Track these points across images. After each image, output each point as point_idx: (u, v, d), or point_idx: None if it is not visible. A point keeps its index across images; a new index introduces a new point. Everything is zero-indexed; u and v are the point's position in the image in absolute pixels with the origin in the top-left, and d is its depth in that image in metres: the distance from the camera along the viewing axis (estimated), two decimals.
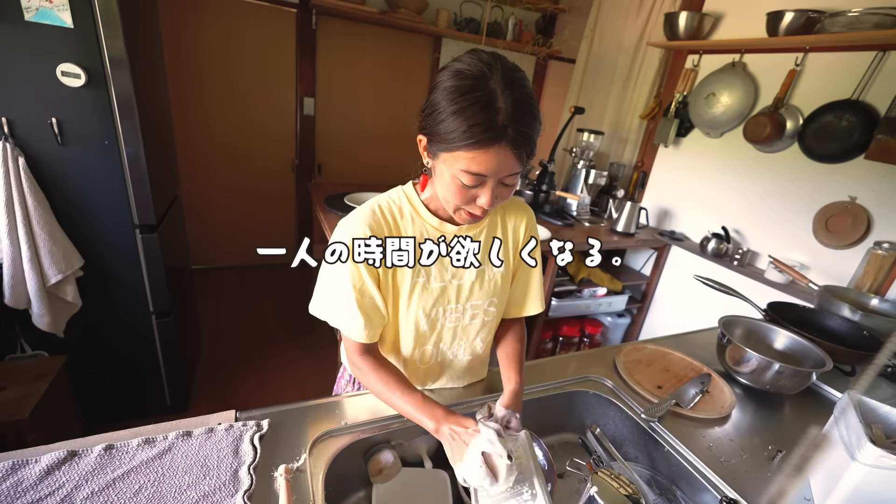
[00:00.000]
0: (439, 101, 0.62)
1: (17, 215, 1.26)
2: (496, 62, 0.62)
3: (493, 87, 0.59)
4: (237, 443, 0.72)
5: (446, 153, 0.63)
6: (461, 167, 0.63)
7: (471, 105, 0.59)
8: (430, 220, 0.78)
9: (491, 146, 0.60)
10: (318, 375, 2.31)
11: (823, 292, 1.54)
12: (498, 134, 0.59)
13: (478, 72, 0.60)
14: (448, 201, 0.70)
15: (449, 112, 0.60)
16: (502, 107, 0.59)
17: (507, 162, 0.62)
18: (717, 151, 2.29)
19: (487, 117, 0.59)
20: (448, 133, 0.61)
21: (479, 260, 0.81)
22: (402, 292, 0.78)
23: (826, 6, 1.77)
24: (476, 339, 0.88)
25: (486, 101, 0.59)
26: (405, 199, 0.79)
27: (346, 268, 0.73)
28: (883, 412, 0.82)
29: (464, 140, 0.60)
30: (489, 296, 0.84)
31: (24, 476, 0.62)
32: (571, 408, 1.02)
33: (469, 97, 0.59)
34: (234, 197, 3.23)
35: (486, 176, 0.63)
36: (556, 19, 3.60)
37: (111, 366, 1.68)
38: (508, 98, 0.59)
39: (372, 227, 0.74)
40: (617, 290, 2.41)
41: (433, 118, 0.63)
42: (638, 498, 0.74)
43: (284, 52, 3.00)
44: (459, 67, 0.62)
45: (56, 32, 1.22)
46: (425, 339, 0.84)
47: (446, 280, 0.80)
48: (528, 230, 0.86)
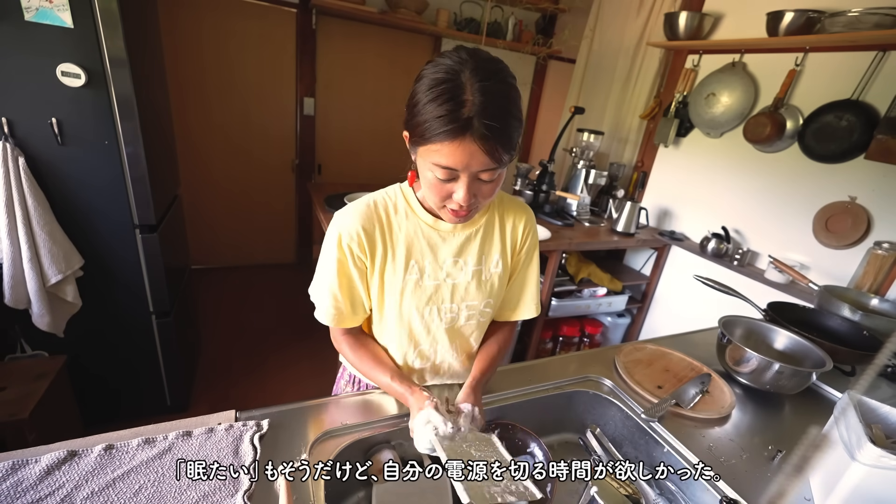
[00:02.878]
0: (415, 94, 0.63)
1: (17, 215, 1.26)
2: (473, 56, 0.61)
3: (464, 79, 0.59)
4: (237, 443, 0.72)
5: (421, 146, 0.64)
6: (432, 160, 0.63)
7: (439, 96, 0.58)
8: (425, 217, 0.78)
9: (455, 138, 0.59)
10: (318, 377, 2.31)
11: (823, 292, 1.54)
12: (462, 125, 0.58)
13: (454, 64, 0.60)
14: (427, 197, 0.70)
15: (422, 104, 0.61)
16: (469, 98, 0.58)
17: (475, 156, 0.61)
18: (717, 151, 2.29)
19: (452, 108, 0.58)
20: (420, 125, 0.61)
21: (475, 260, 0.81)
22: (394, 288, 0.79)
23: (826, 6, 1.77)
24: (471, 339, 0.88)
25: (454, 92, 0.58)
26: (401, 196, 0.79)
27: (333, 257, 0.76)
28: (883, 412, 0.82)
29: (431, 132, 0.60)
30: (486, 297, 0.84)
31: (24, 476, 0.62)
32: (571, 408, 1.02)
33: (438, 89, 0.59)
34: (233, 196, 3.23)
35: (455, 170, 0.63)
36: (556, 19, 3.60)
37: (111, 366, 1.68)
38: (478, 90, 0.58)
39: (363, 221, 0.75)
40: (617, 290, 2.41)
41: (410, 112, 0.64)
42: (638, 498, 0.74)
43: (284, 52, 3.00)
44: (438, 61, 0.62)
45: (56, 32, 1.22)
46: (419, 337, 0.84)
47: (440, 279, 0.80)
48: (527, 230, 0.85)
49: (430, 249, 0.78)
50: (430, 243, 0.78)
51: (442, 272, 0.80)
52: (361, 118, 3.39)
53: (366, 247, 0.75)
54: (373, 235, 0.75)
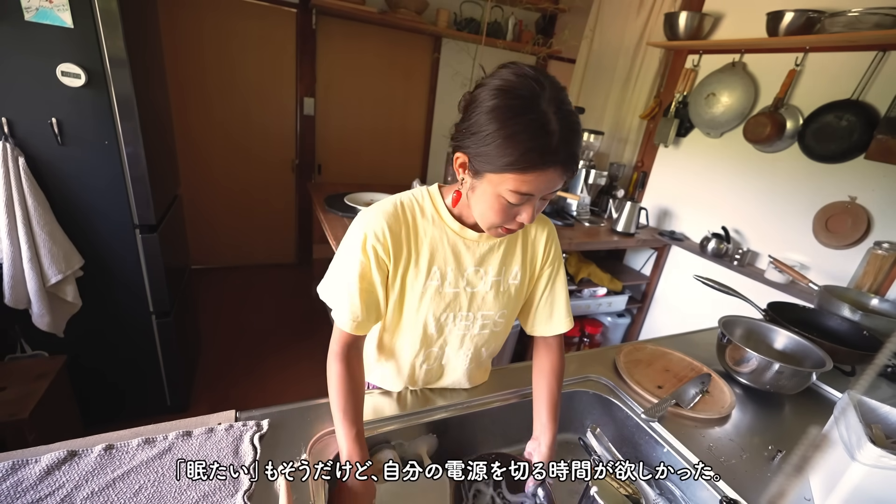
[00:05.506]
0: (486, 123, 0.59)
1: (17, 215, 1.26)
2: (545, 80, 0.60)
3: (545, 108, 0.57)
4: (237, 443, 0.73)
5: (493, 174, 0.62)
6: (509, 188, 0.62)
7: (524, 130, 0.57)
8: (452, 223, 0.76)
9: (545, 170, 0.59)
10: (318, 377, 2.29)
11: (823, 292, 1.54)
12: (552, 159, 0.59)
13: (528, 92, 0.58)
14: (486, 218, 0.69)
15: (500, 135, 0.58)
16: (555, 130, 0.57)
17: (554, 181, 0.62)
18: (717, 151, 2.29)
19: (542, 143, 0.57)
20: (498, 157, 0.59)
21: (496, 270, 0.80)
22: (413, 293, 0.78)
23: (826, 6, 1.77)
24: (482, 348, 0.88)
25: (540, 124, 0.57)
26: (428, 199, 0.77)
27: (356, 259, 0.73)
28: (883, 412, 0.82)
29: (517, 165, 0.59)
30: (502, 307, 0.83)
31: (24, 476, 0.62)
32: (571, 408, 1.02)
33: (522, 120, 0.57)
34: (233, 196, 3.23)
35: (533, 196, 0.63)
36: (556, 19, 3.60)
37: (111, 366, 1.67)
38: (560, 121, 0.58)
39: (390, 222, 0.73)
40: (617, 290, 2.41)
41: (478, 139, 0.60)
42: (638, 498, 0.74)
43: (284, 52, 3.00)
44: (505, 84, 0.59)
45: (56, 32, 1.22)
46: (431, 342, 0.84)
47: (460, 287, 0.79)
48: (550, 243, 0.84)
49: (453, 257, 0.77)
50: (455, 251, 0.77)
51: (463, 280, 0.79)
52: (361, 118, 3.38)
53: (390, 249, 0.73)
54: (399, 237, 0.74)
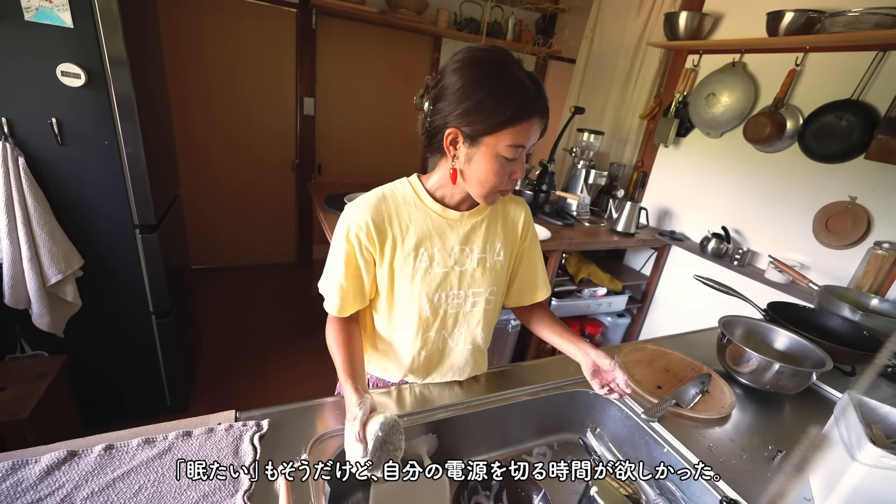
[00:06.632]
0: (473, 92, 0.67)
1: (17, 215, 1.26)
2: (502, 50, 0.71)
3: (515, 70, 0.68)
4: (237, 443, 0.72)
5: (490, 136, 0.69)
6: (507, 143, 0.70)
7: (508, 88, 0.67)
8: (433, 206, 0.82)
9: (532, 120, 0.69)
10: (319, 377, 2.31)
11: (823, 292, 1.54)
12: (535, 108, 0.69)
13: (498, 59, 0.68)
14: (487, 182, 0.74)
15: (493, 98, 0.67)
16: (529, 85, 0.68)
17: (537, 131, 0.72)
18: (717, 151, 2.29)
19: (525, 97, 0.68)
20: (494, 116, 0.68)
21: (480, 248, 0.85)
22: (404, 276, 0.82)
23: (826, 6, 1.77)
24: (477, 328, 0.91)
25: (518, 80, 0.68)
26: (409, 187, 0.83)
27: (341, 248, 0.79)
28: (883, 412, 0.82)
29: (514, 119, 0.68)
30: (490, 283, 0.88)
31: (24, 476, 0.62)
32: (571, 408, 1.02)
33: (505, 81, 0.67)
34: (234, 196, 3.23)
35: (524, 147, 0.72)
36: (556, 19, 3.60)
37: (111, 366, 1.67)
38: (528, 77, 0.69)
39: (373, 211, 0.78)
40: (617, 290, 2.41)
41: (468, 109, 0.68)
42: (638, 498, 0.74)
43: (284, 52, 3.00)
44: (477, 58, 0.69)
45: (56, 32, 1.22)
46: (428, 326, 0.87)
47: (448, 266, 0.83)
48: (526, 223, 0.93)
49: (438, 238, 0.82)
50: (440, 231, 0.82)
51: (450, 259, 0.83)
52: (361, 118, 3.38)
53: (374, 237, 0.78)
54: (382, 226, 0.79)
